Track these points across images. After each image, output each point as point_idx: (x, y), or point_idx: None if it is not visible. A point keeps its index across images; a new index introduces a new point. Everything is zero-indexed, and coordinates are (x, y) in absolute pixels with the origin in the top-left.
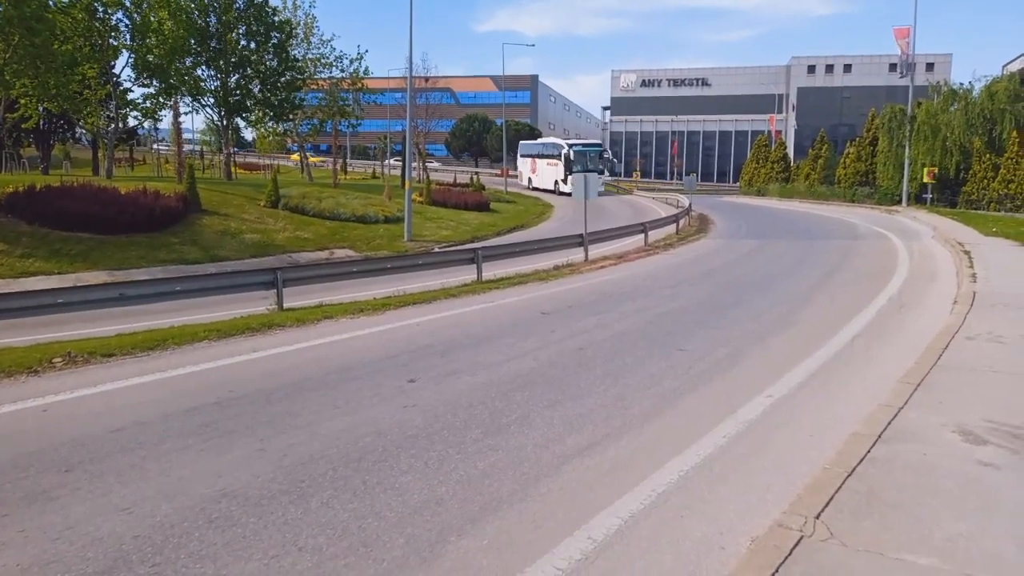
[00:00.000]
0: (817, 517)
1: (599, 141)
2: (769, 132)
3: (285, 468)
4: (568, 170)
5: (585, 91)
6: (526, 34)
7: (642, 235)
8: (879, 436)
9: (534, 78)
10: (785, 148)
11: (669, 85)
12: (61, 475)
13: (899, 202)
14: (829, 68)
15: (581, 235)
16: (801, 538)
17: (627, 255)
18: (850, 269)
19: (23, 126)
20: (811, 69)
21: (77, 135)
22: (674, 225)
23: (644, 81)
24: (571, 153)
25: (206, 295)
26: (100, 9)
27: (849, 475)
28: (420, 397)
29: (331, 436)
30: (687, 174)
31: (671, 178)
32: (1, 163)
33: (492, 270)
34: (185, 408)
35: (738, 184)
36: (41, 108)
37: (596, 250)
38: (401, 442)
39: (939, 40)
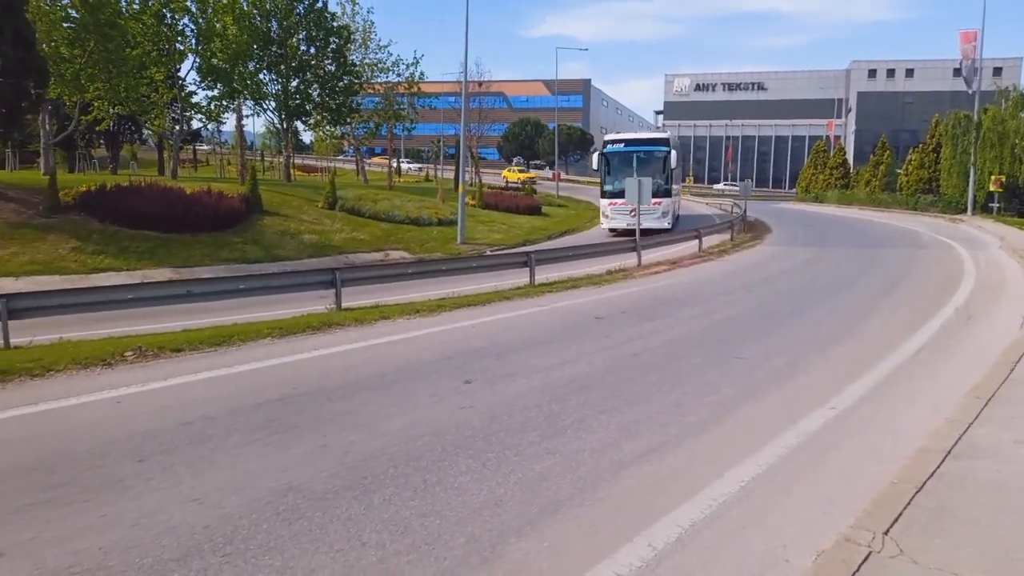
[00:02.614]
0: (886, 533)
1: (664, 135)
2: (827, 137)
3: (347, 464)
4: (602, 183)
5: (636, 95)
6: (576, 39)
7: (696, 241)
8: (948, 451)
9: (586, 82)
10: (844, 154)
11: (724, 89)
12: (135, 464)
13: (964, 211)
14: (890, 72)
15: (634, 240)
16: (869, 553)
17: (681, 261)
18: (913, 279)
19: (97, 128)
20: (872, 73)
21: (144, 136)
22: (729, 231)
23: (698, 85)
24: (595, 157)
25: (268, 293)
26: (168, 15)
27: (918, 491)
28: (476, 398)
29: (390, 435)
30: (741, 180)
31: (725, 183)
32: (74, 163)
33: (544, 273)
34: (251, 404)
35: (794, 190)
36: (112, 111)
37: (649, 256)
38: (459, 442)
39: (1007, 43)
